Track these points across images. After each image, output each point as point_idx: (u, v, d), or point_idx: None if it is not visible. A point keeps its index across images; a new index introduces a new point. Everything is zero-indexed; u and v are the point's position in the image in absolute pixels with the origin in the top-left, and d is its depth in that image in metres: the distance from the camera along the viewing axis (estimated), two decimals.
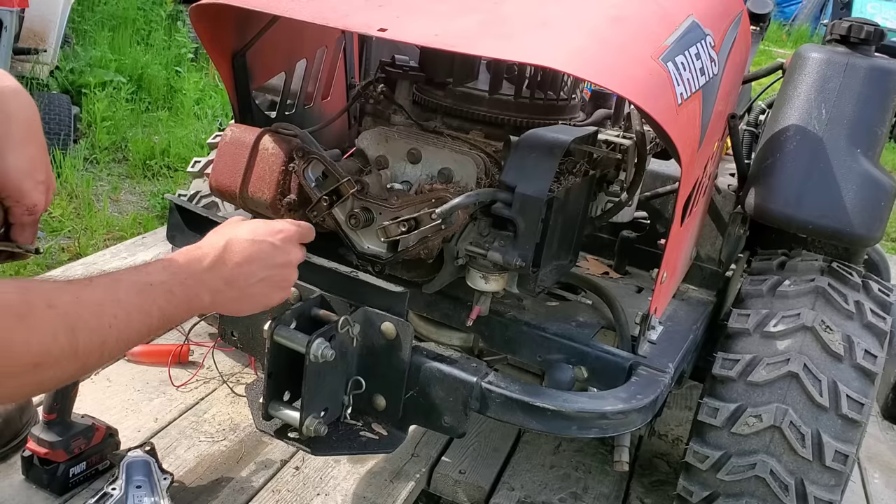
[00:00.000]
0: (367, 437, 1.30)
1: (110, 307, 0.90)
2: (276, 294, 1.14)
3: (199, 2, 1.30)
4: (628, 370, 1.33)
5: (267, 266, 1.10)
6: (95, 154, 3.78)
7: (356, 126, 1.71)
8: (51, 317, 0.83)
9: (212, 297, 1.05)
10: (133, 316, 0.92)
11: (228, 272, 1.06)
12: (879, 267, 2.18)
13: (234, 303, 1.09)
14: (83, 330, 0.86)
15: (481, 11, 1.17)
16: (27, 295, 0.82)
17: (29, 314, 0.81)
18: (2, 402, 0.81)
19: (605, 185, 1.57)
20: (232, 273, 1.07)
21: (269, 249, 1.11)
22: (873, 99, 1.65)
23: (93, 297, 0.89)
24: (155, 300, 0.96)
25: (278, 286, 1.13)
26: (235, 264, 1.07)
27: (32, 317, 0.81)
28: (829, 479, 1.42)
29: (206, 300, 1.04)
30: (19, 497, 1.61)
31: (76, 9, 4.83)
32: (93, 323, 0.87)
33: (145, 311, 0.94)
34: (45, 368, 0.83)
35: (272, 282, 1.12)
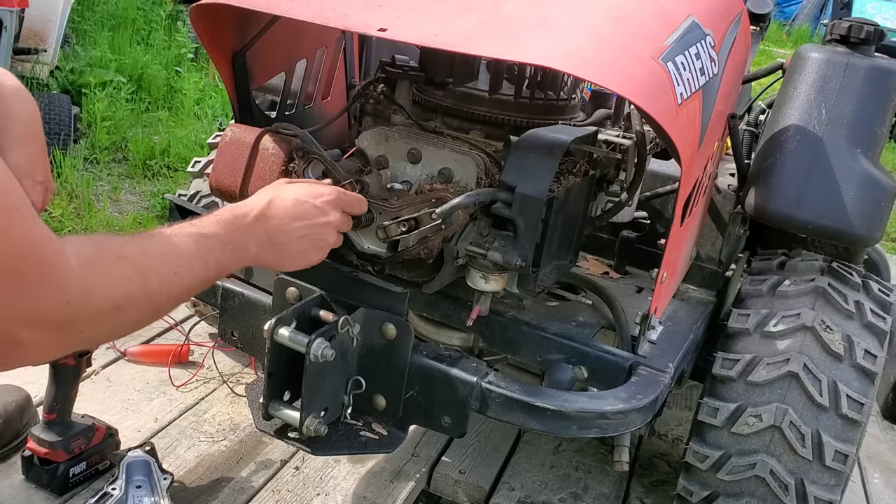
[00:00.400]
0: (367, 437, 1.30)
1: (173, 257, 0.98)
2: (315, 253, 1.19)
3: (199, 2, 1.30)
4: (628, 370, 1.33)
5: (308, 225, 1.16)
6: (95, 154, 3.78)
7: (356, 126, 1.71)
8: (124, 265, 0.91)
9: (257, 248, 1.12)
10: (194, 264, 1.01)
11: (272, 226, 1.13)
12: (879, 267, 2.18)
13: (276, 256, 1.15)
14: (153, 276, 0.94)
15: (481, 11, 1.17)
16: (100, 248, 0.90)
17: (104, 263, 0.89)
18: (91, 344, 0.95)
19: (605, 185, 1.57)
20: (275, 227, 1.13)
21: (312, 209, 1.17)
22: (873, 99, 1.65)
23: (156, 248, 0.97)
24: (211, 250, 1.04)
25: (316, 245, 1.18)
26: (279, 220, 1.14)
27: (107, 265, 0.89)
28: (829, 478, 1.42)
29: (252, 251, 1.11)
30: (19, 497, 1.61)
31: (76, 9, 4.82)
32: (161, 270, 0.96)
33: (203, 259, 1.02)
34: (125, 310, 0.91)
35: (311, 241, 1.17)
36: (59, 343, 0.89)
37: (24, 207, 0.79)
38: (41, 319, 0.83)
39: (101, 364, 2.10)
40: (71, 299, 0.84)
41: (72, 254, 0.84)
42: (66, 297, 0.84)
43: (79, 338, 0.90)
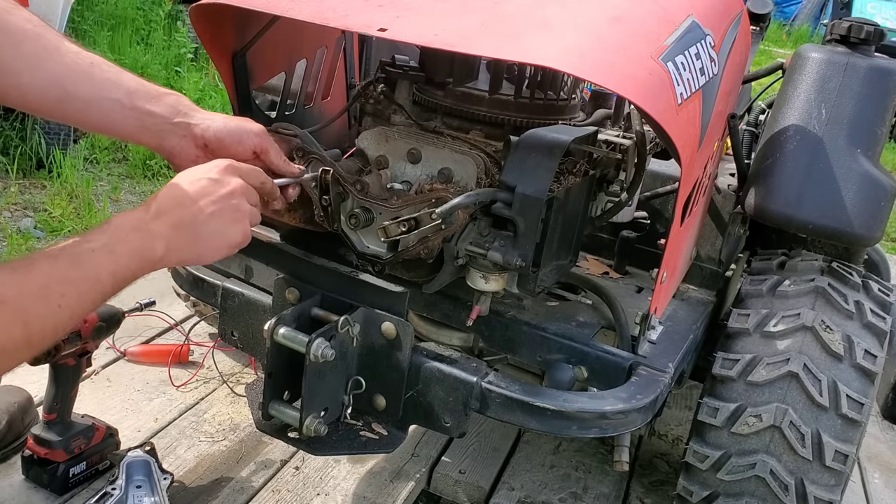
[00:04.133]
0: (367, 437, 1.30)
1: (57, 287, 0.88)
2: (234, 228, 1.09)
3: (199, 2, 1.30)
4: (628, 370, 1.33)
5: (212, 201, 1.06)
6: (95, 154, 3.78)
7: (356, 126, 1.71)
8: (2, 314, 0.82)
9: (165, 245, 1.01)
10: (82, 287, 0.91)
11: (174, 217, 1.03)
12: (879, 267, 2.18)
13: (191, 247, 1.06)
14: (35, 319, 0.86)
15: (481, 11, 1.17)
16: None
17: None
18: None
19: (605, 185, 1.57)
20: (178, 216, 1.03)
21: (208, 184, 1.07)
22: (873, 99, 1.65)
23: (37, 281, 0.87)
24: (101, 264, 0.94)
25: (232, 219, 1.08)
26: (179, 207, 1.04)
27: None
28: (829, 478, 1.42)
29: (159, 250, 1.01)
30: (19, 497, 1.61)
31: (76, 9, 4.82)
32: (43, 310, 0.87)
33: (93, 278, 0.92)
34: (1, 360, 0.83)
35: (224, 216, 1.07)
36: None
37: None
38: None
39: (101, 364, 2.10)
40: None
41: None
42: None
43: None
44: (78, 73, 1.11)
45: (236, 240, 1.10)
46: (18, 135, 3.37)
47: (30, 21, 1.09)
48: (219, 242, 1.08)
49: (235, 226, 1.09)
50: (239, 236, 1.10)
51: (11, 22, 1.07)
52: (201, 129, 1.19)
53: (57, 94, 1.10)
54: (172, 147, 1.19)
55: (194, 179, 1.08)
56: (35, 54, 1.08)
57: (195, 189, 1.06)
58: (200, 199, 1.06)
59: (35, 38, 1.09)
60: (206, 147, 1.20)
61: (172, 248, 1.03)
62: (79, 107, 1.12)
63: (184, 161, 1.20)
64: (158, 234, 1.01)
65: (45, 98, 1.10)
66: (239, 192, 1.09)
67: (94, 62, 1.14)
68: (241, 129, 1.21)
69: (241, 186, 1.10)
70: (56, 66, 1.10)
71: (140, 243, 0.99)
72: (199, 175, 1.09)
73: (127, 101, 1.14)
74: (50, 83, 1.09)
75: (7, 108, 3.34)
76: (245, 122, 1.24)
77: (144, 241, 1.00)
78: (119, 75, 1.16)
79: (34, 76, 1.08)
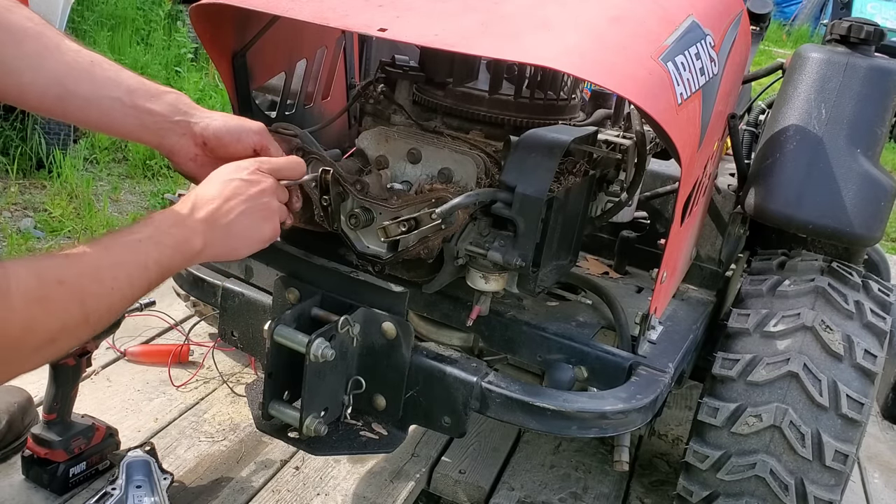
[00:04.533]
0: (367, 437, 1.30)
1: (108, 271, 0.94)
2: (265, 226, 1.14)
3: (199, 2, 1.30)
4: (628, 370, 1.33)
5: (243, 200, 1.11)
6: (95, 154, 3.78)
7: (356, 126, 1.71)
8: (63, 293, 0.88)
9: (202, 241, 1.07)
10: (132, 273, 0.97)
11: (207, 213, 1.08)
12: (879, 267, 2.18)
13: (225, 243, 1.11)
14: (91, 298, 0.91)
15: (481, 11, 1.17)
16: (41, 277, 0.86)
17: (45, 295, 0.85)
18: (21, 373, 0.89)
19: (605, 185, 1.57)
20: (211, 214, 1.08)
21: (240, 184, 1.12)
22: (873, 99, 1.65)
23: (91, 264, 0.93)
24: (148, 253, 0.99)
25: (262, 217, 1.13)
26: (212, 205, 1.09)
27: (48, 297, 0.86)
28: (829, 478, 1.42)
29: (197, 244, 1.06)
30: (19, 497, 1.61)
31: (76, 9, 4.82)
32: (97, 289, 0.92)
33: (141, 265, 0.98)
34: (62, 340, 0.89)
35: (255, 213, 1.12)
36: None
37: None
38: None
39: (101, 364, 2.10)
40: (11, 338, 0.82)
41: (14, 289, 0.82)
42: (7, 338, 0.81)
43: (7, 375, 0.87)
44: (78, 72, 1.12)
45: (266, 235, 1.15)
46: (18, 135, 3.37)
47: (31, 19, 1.10)
48: (250, 238, 1.14)
49: (265, 223, 1.14)
50: (269, 232, 1.15)
51: (12, 20, 1.07)
52: (201, 128, 1.20)
53: (57, 92, 1.11)
54: (172, 145, 1.20)
55: (227, 179, 1.12)
56: (36, 52, 1.09)
57: (228, 188, 1.11)
58: (233, 197, 1.10)
59: (36, 36, 1.09)
60: (205, 145, 1.21)
61: (209, 243, 1.08)
62: (79, 105, 1.13)
63: (183, 159, 1.22)
64: (196, 229, 1.07)
65: (45, 96, 1.11)
66: (269, 191, 1.14)
67: (94, 60, 1.14)
68: (241, 127, 1.22)
69: (271, 185, 1.15)
70: (57, 64, 1.10)
71: (181, 237, 1.05)
72: (232, 174, 1.13)
73: (127, 100, 1.15)
74: (50, 81, 1.10)
75: (7, 108, 3.34)
76: (245, 120, 1.25)
77: (185, 235, 1.05)
78: (119, 73, 1.16)
79: (35, 74, 1.09)
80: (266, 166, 1.16)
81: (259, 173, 1.15)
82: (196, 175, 1.23)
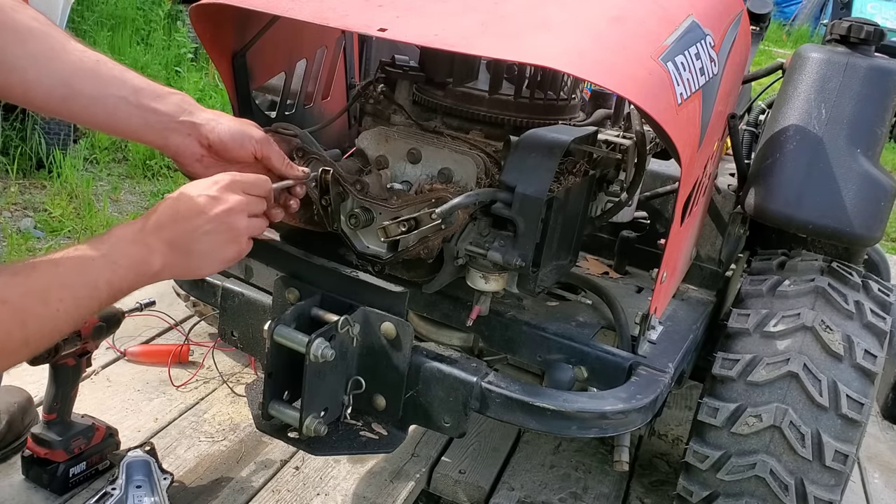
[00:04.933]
0: (367, 437, 1.30)
1: (56, 292, 0.91)
2: (228, 247, 1.11)
3: (199, 2, 1.30)
4: (628, 370, 1.33)
5: (209, 219, 1.07)
6: (95, 154, 3.78)
7: (356, 126, 1.71)
8: (4, 313, 0.85)
9: (161, 260, 1.04)
10: (80, 293, 0.94)
11: (170, 233, 1.05)
12: (879, 267, 2.18)
13: (186, 263, 1.07)
14: (34, 320, 0.88)
15: (481, 11, 1.17)
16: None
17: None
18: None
19: (605, 185, 1.57)
20: (173, 233, 1.05)
21: (206, 202, 1.08)
22: (873, 99, 1.65)
23: (38, 284, 0.90)
24: (100, 273, 0.96)
25: (228, 238, 1.10)
26: (175, 224, 1.05)
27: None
28: (829, 478, 1.42)
29: (155, 264, 1.03)
30: (19, 497, 1.61)
31: (76, 9, 4.83)
32: (42, 311, 0.89)
33: (91, 286, 0.95)
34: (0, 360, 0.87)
35: (219, 234, 1.09)
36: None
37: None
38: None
39: (101, 364, 2.10)
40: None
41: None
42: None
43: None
44: (84, 72, 1.12)
45: (230, 256, 1.12)
46: (18, 135, 3.37)
47: (36, 19, 1.10)
48: (212, 259, 1.10)
49: (229, 244, 1.11)
50: (232, 253, 1.12)
51: (18, 20, 1.07)
52: (206, 130, 1.19)
53: (63, 91, 1.11)
54: (177, 146, 1.20)
55: (195, 195, 1.09)
56: (41, 52, 1.09)
57: (193, 206, 1.07)
58: (197, 216, 1.07)
59: (42, 36, 1.09)
60: (210, 147, 1.21)
61: (168, 263, 1.05)
62: (84, 104, 1.13)
63: (188, 160, 1.21)
64: (155, 248, 1.03)
65: (50, 96, 1.11)
66: (237, 210, 1.10)
67: (99, 60, 1.14)
68: (244, 133, 1.22)
69: (239, 203, 1.11)
70: (62, 63, 1.10)
71: (138, 256, 1.01)
72: (200, 191, 1.10)
73: (133, 100, 1.15)
74: (56, 81, 1.10)
75: (7, 108, 3.34)
76: (248, 126, 1.25)
77: (142, 254, 1.02)
78: (124, 74, 1.16)
79: (40, 74, 1.09)
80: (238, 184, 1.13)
81: (227, 191, 1.11)
82: (201, 175, 1.21)
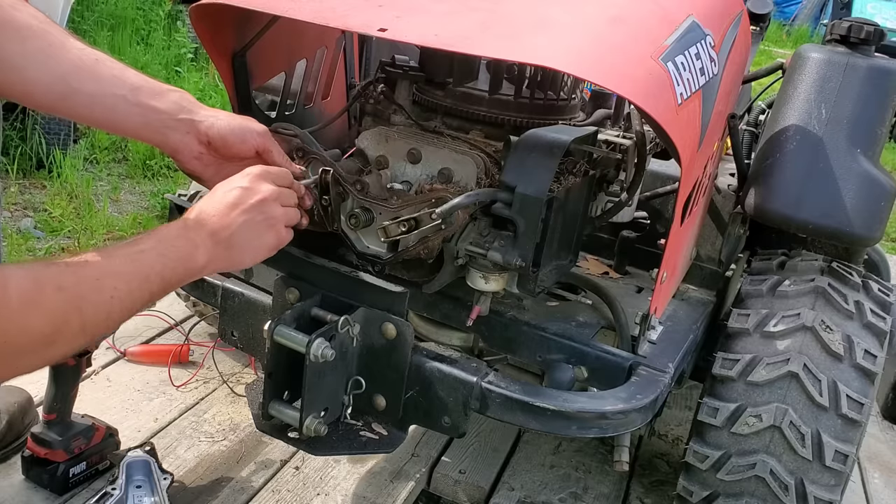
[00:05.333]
0: (367, 437, 1.30)
1: (110, 280, 0.94)
2: (268, 236, 1.14)
3: (199, 2, 1.30)
4: (628, 370, 1.33)
5: (244, 210, 1.10)
6: (95, 154, 3.78)
7: (356, 126, 1.71)
8: (60, 299, 0.88)
9: (206, 254, 1.07)
10: (133, 284, 0.97)
11: (210, 227, 1.08)
12: (879, 267, 2.18)
13: (229, 255, 1.10)
14: (89, 306, 0.91)
15: (481, 11, 1.17)
16: (39, 282, 0.87)
17: (42, 299, 0.86)
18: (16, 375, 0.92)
19: (605, 185, 1.57)
20: (213, 226, 1.08)
21: (240, 193, 1.11)
22: (873, 99, 1.65)
23: (92, 273, 0.93)
24: (151, 265, 0.99)
25: (265, 225, 1.13)
26: (214, 218, 1.09)
27: (45, 301, 0.86)
28: (829, 478, 1.42)
29: (201, 259, 1.06)
30: (19, 497, 1.61)
31: (76, 9, 4.82)
32: (96, 298, 0.92)
33: (143, 276, 0.98)
34: (58, 345, 0.89)
35: (257, 223, 1.12)
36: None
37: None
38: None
39: (101, 364, 2.10)
40: (8, 339, 0.82)
41: (13, 291, 0.83)
42: (4, 337, 0.82)
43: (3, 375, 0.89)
44: (83, 69, 1.13)
45: (270, 244, 1.15)
46: (18, 135, 3.37)
47: (35, 17, 1.11)
48: (253, 248, 1.13)
49: (268, 232, 1.14)
50: (272, 240, 1.15)
51: (17, 18, 1.08)
52: (206, 127, 1.20)
53: (62, 89, 1.11)
54: (176, 143, 1.20)
55: (228, 189, 1.12)
56: (41, 50, 1.09)
57: (228, 199, 1.11)
58: (232, 209, 1.10)
59: (41, 34, 1.10)
60: (209, 145, 1.21)
61: (212, 257, 1.08)
62: (83, 102, 1.14)
63: (187, 157, 1.22)
64: (199, 244, 1.06)
65: (49, 93, 1.12)
66: (270, 199, 1.13)
67: (98, 58, 1.15)
68: (245, 128, 1.23)
69: (272, 192, 1.14)
70: (61, 61, 1.11)
71: (185, 251, 1.04)
72: (233, 184, 1.13)
73: (131, 98, 1.16)
74: (55, 79, 1.11)
75: (7, 108, 3.34)
76: (248, 121, 1.25)
77: (188, 249, 1.05)
78: (123, 72, 1.17)
79: (39, 72, 1.10)
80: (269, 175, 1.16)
81: (259, 181, 1.14)
82: (200, 173, 1.23)
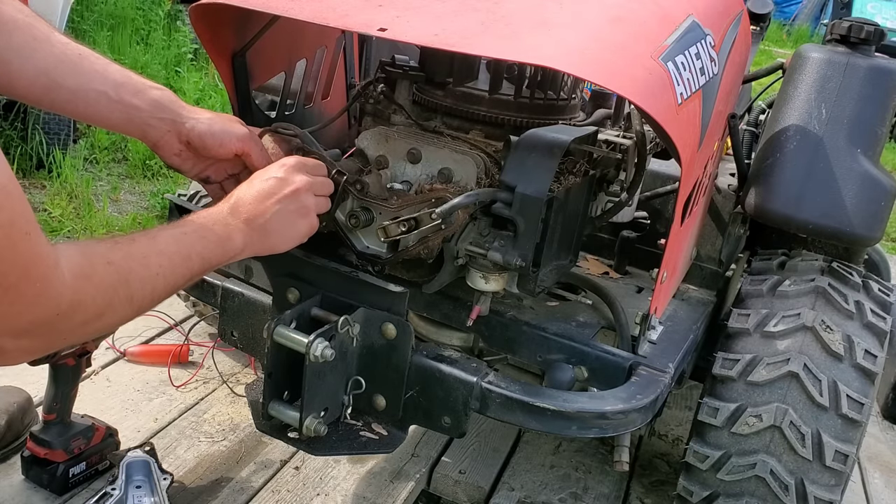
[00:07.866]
0: (367, 437, 1.30)
1: (155, 258, 1.00)
2: (300, 223, 1.19)
3: (198, 2, 1.30)
4: (628, 370, 1.33)
5: (279, 198, 1.16)
6: (95, 154, 3.78)
7: (356, 126, 1.71)
8: (110, 272, 0.93)
9: (243, 239, 1.13)
10: (176, 262, 1.03)
11: (246, 213, 1.14)
12: (879, 267, 2.18)
13: (264, 240, 1.16)
14: (136, 280, 0.97)
15: (481, 11, 1.17)
16: (90, 257, 0.92)
17: (92, 273, 0.91)
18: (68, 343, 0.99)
19: (605, 185, 1.57)
20: (249, 213, 1.14)
21: (275, 183, 1.17)
22: (873, 99, 1.65)
23: (139, 250, 0.99)
24: (192, 246, 1.06)
25: (299, 213, 1.18)
26: (250, 205, 1.15)
27: (96, 275, 0.91)
28: (829, 478, 1.42)
29: (238, 243, 1.12)
30: (19, 497, 1.61)
31: (76, 9, 4.82)
32: (143, 273, 0.98)
33: (185, 255, 1.05)
34: (107, 316, 0.94)
35: (291, 211, 1.17)
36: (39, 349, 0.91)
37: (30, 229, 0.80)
38: (30, 330, 0.85)
39: (101, 364, 2.10)
40: (61, 311, 0.86)
41: (65, 266, 0.86)
42: (58, 310, 0.86)
43: (59, 344, 0.93)
44: (66, 64, 1.15)
45: (303, 231, 1.21)
46: (18, 134, 3.37)
47: (21, 11, 1.13)
48: (287, 235, 1.19)
49: (301, 220, 1.20)
50: (305, 228, 1.21)
51: (3, 11, 1.10)
52: (187, 129, 1.23)
53: (45, 83, 1.14)
54: (156, 140, 1.24)
55: (265, 178, 1.18)
56: (25, 43, 1.12)
57: (264, 188, 1.16)
58: (268, 198, 1.16)
59: (26, 27, 1.12)
60: (188, 144, 1.25)
61: (248, 242, 1.14)
62: (66, 97, 1.17)
63: (167, 153, 1.26)
64: (236, 228, 1.12)
65: (33, 86, 1.14)
66: (304, 189, 1.19)
67: (82, 54, 1.17)
68: (225, 131, 1.25)
69: (306, 183, 1.19)
70: (45, 55, 1.13)
71: (223, 234, 1.10)
72: (270, 174, 1.19)
73: (113, 94, 1.18)
74: (38, 72, 1.13)
75: (7, 108, 3.34)
76: (231, 123, 1.28)
77: (226, 232, 1.11)
78: (106, 67, 1.19)
79: (23, 65, 1.12)
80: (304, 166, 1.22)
81: (294, 172, 1.19)
82: (180, 168, 1.28)
